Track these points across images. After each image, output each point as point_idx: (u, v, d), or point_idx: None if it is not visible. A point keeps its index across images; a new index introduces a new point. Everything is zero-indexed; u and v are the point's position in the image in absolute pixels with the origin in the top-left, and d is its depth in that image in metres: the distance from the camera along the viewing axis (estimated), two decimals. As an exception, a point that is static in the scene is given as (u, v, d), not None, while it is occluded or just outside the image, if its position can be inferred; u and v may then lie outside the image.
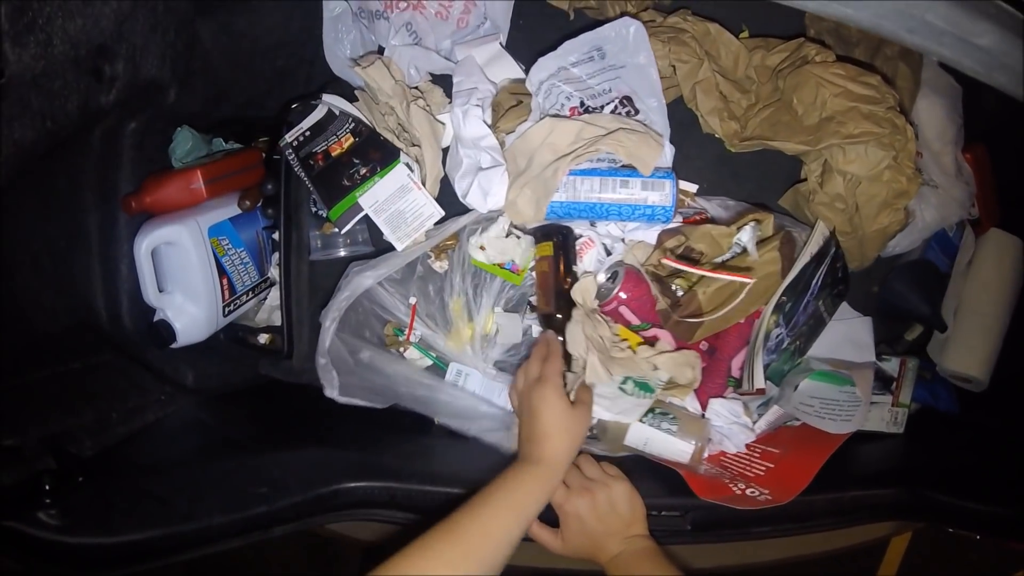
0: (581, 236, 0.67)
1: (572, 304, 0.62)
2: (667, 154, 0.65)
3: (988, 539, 0.89)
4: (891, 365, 0.75)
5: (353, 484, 0.60)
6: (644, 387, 0.63)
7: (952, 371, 0.79)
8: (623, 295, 0.63)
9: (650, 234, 0.66)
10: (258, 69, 0.74)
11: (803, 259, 0.61)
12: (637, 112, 0.65)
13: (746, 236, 0.61)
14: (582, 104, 0.66)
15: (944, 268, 0.79)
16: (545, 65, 0.65)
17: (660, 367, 0.65)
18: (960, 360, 0.78)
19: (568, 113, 0.66)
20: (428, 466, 0.66)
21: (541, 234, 0.65)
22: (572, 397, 0.57)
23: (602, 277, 0.65)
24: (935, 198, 0.73)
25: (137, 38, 0.64)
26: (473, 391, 0.68)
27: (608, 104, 0.65)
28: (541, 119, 0.63)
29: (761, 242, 0.61)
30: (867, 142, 0.61)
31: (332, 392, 0.65)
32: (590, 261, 0.67)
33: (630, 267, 0.64)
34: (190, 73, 0.73)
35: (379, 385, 0.66)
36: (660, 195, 0.63)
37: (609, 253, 0.68)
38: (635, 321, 0.64)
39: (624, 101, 0.65)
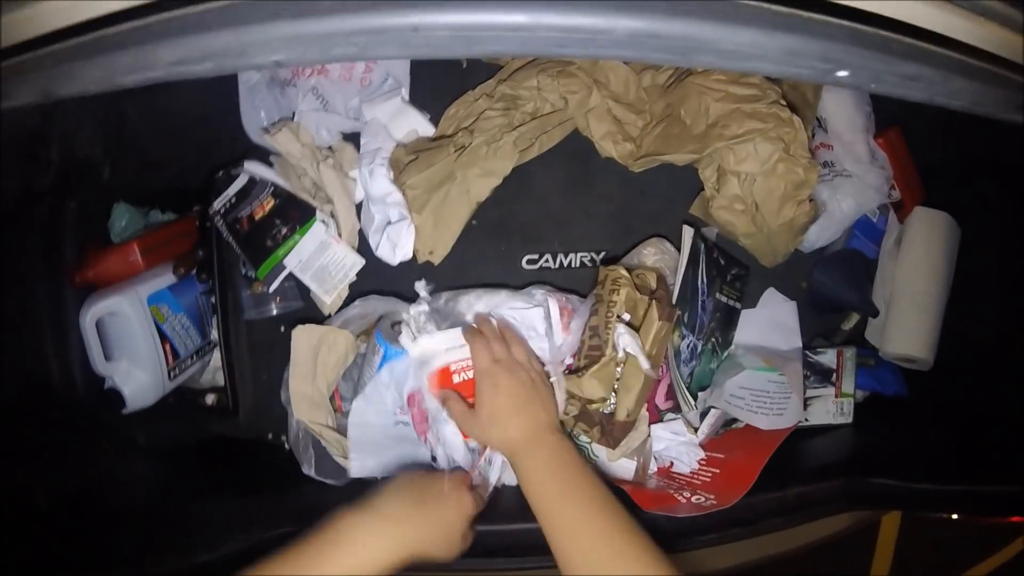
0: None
1: None
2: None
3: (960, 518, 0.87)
4: (828, 357, 0.74)
5: (300, 528, 0.60)
6: None
7: (894, 354, 0.78)
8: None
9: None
10: (184, 141, 0.78)
11: (680, 270, 0.61)
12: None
13: (625, 343, 0.58)
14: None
15: (872, 254, 0.78)
16: None
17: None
18: (899, 342, 0.77)
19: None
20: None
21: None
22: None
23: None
24: (850, 187, 0.74)
25: (68, 122, 0.67)
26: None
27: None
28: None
29: (637, 305, 0.60)
30: (753, 139, 0.62)
31: (309, 470, 0.66)
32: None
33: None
34: (121, 150, 0.76)
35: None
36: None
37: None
38: None
39: None
